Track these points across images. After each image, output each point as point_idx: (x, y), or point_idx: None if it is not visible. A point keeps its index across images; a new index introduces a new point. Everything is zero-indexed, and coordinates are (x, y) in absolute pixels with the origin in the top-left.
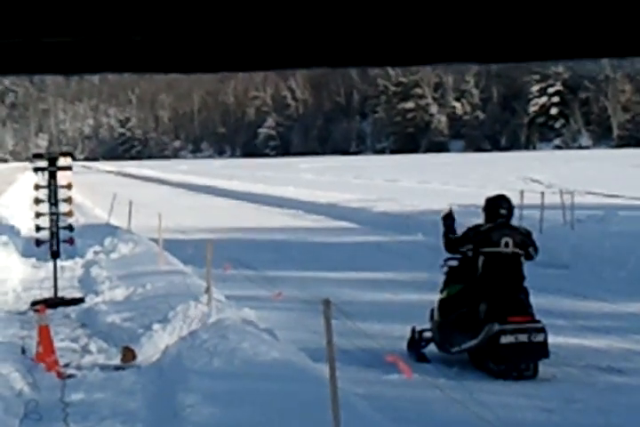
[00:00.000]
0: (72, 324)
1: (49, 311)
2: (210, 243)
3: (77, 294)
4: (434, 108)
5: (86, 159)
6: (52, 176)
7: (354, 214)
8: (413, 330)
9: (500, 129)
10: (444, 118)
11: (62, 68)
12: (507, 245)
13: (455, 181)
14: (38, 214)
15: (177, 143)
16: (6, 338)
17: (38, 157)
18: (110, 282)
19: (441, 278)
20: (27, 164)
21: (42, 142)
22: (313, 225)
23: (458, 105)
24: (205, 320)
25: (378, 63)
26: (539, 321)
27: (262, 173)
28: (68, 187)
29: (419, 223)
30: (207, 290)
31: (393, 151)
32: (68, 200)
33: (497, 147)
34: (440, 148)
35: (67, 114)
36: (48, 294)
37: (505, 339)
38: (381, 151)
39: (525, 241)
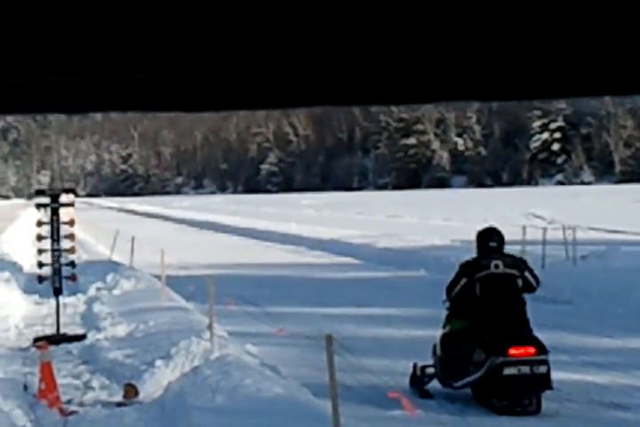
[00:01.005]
0: (74, 360)
1: (51, 348)
2: (210, 278)
3: (80, 331)
4: (436, 144)
5: (88, 196)
6: (55, 213)
7: (356, 250)
8: (415, 366)
9: (501, 165)
10: (445, 154)
11: (66, 107)
12: (497, 266)
13: (457, 217)
14: (40, 251)
15: (179, 180)
16: (8, 375)
17: (40, 193)
18: (112, 318)
19: (443, 314)
20: (29, 201)
21: (44, 179)
22: (315, 261)
23: (460, 141)
24: (208, 356)
25: (380, 101)
26: (541, 352)
27: (264, 209)
28: (71, 223)
29: (421, 259)
30: (209, 326)
31: (395, 187)
32: (71, 237)
33: (499, 182)
34: (442, 183)
35: (69, 151)
36: (50, 330)
37: (508, 371)
38: (383, 187)
39: (518, 264)
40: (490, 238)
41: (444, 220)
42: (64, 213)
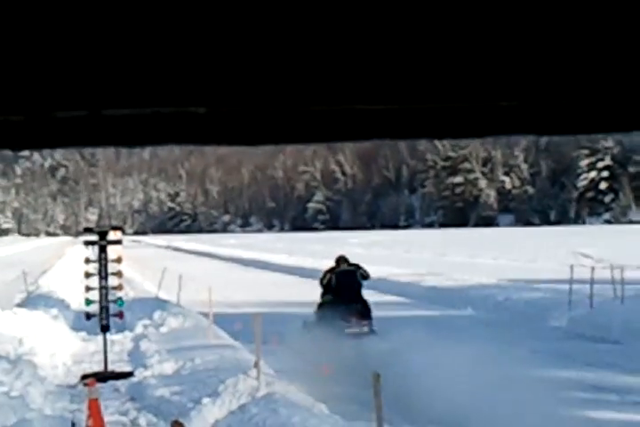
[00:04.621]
0: (122, 397)
1: (99, 385)
2: (258, 316)
3: (127, 368)
4: (482, 183)
5: (136, 233)
6: (102, 250)
7: (403, 288)
8: (305, 322)
9: (549, 203)
10: (492, 193)
11: (124, 140)
12: (343, 267)
13: (505, 256)
14: (88, 288)
15: (226, 217)
16: (56, 411)
17: (88, 231)
18: (159, 356)
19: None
20: (77, 238)
21: (92, 217)
22: None
23: (507, 179)
24: (255, 394)
25: (429, 135)
26: (366, 318)
27: (312, 246)
28: (118, 261)
29: (468, 297)
30: (256, 364)
31: (442, 225)
32: (118, 274)
33: (546, 221)
34: (489, 222)
35: (116, 188)
36: (98, 367)
37: (348, 330)
38: (430, 225)
39: (355, 266)
40: (340, 260)
41: (491, 258)
42: (112, 251)
